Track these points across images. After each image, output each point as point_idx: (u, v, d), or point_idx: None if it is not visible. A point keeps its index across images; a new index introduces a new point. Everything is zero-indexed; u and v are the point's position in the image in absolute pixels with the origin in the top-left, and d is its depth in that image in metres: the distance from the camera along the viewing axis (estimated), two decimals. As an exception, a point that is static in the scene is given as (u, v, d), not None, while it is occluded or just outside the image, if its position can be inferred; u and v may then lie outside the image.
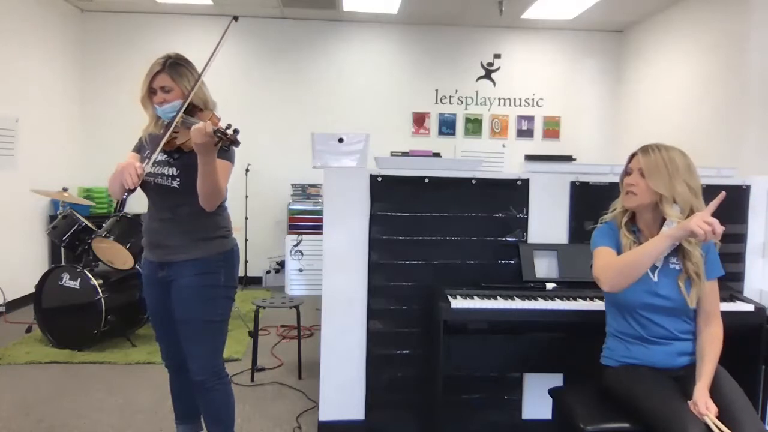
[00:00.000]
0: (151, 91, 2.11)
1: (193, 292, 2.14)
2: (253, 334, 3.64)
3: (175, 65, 2.10)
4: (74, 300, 3.94)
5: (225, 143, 1.85)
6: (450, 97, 6.62)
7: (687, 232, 1.81)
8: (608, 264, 1.94)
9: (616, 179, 2.76)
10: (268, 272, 6.37)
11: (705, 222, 1.76)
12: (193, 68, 2.15)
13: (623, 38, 6.63)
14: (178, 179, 2.09)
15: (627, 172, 2.06)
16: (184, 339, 2.19)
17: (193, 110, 2.11)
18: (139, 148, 2.23)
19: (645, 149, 2.01)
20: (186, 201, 2.08)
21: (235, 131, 1.87)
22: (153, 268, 2.21)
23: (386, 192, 2.69)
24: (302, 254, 5.90)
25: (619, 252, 2.01)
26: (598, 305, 2.37)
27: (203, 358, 2.19)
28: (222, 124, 1.90)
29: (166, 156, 2.11)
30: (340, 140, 3.01)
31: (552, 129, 6.71)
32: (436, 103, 6.61)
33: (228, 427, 2.28)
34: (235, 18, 2.18)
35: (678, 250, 1.98)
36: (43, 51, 5.53)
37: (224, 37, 2.06)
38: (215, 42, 2.05)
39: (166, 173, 2.11)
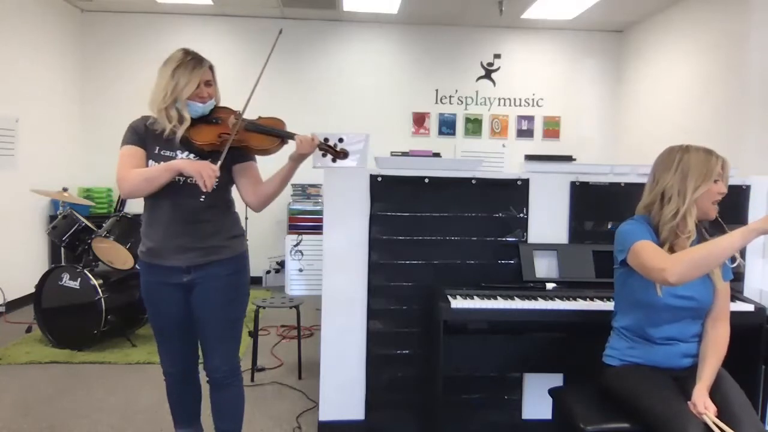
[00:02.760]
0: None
1: (224, 292, 2.13)
2: (253, 334, 3.64)
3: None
4: (74, 300, 3.94)
5: (332, 154, 2.15)
6: (450, 97, 6.62)
7: None
8: (678, 256, 1.81)
9: (617, 179, 2.79)
10: (268, 272, 6.37)
11: None
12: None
13: (623, 38, 6.63)
14: (217, 179, 1.99)
15: (716, 179, 1.94)
16: (206, 338, 2.16)
17: (216, 109, 2.14)
18: (138, 142, 2.08)
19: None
20: (217, 201, 2.08)
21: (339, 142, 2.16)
22: (173, 273, 2.09)
23: (386, 192, 2.69)
24: (302, 254, 5.90)
25: None
26: (598, 305, 2.37)
27: (225, 356, 2.19)
28: (320, 136, 2.13)
29: (192, 155, 2.06)
30: (340, 140, 3.00)
31: (552, 129, 6.71)
32: (436, 103, 6.61)
33: (239, 424, 2.27)
34: (281, 30, 2.28)
35: None
36: (43, 51, 5.53)
37: (273, 48, 2.23)
38: (215, 42, 2.06)
39: None
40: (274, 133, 2.12)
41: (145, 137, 2.09)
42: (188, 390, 2.32)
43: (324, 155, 2.17)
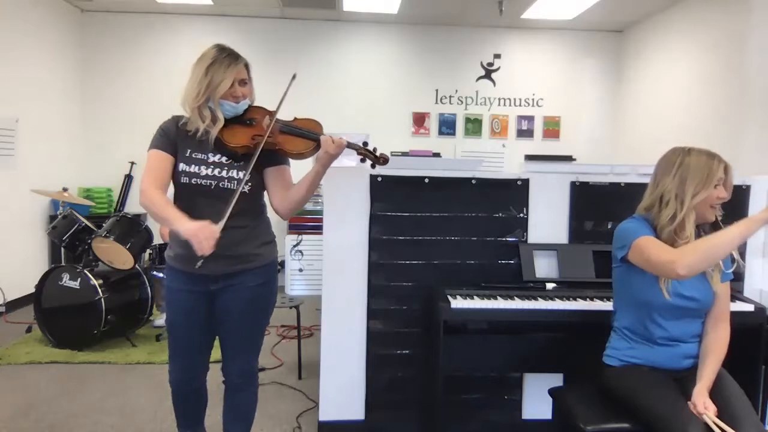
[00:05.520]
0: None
1: (252, 302, 2.07)
2: (253, 334, 3.63)
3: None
4: (74, 300, 3.94)
5: (371, 159, 2.03)
6: (450, 97, 6.62)
7: None
8: (685, 248, 1.80)
9: (617, 179, 2.79)
10: (268, 272, 6.36)
11: None
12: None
13: (623, 38, 6.63)
14: (250, 183, 1.96)
15: (716, 184, 1.92)
16: (228, 344, 2.12)
17: (248, 109, 2.06)
18: (167, 146, 1.98)
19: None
20: (252, 206, 2.00)
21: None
22: (201, 281, 2.01)
23: (386, 192, 2.68)
24: (302, 254, 5.89)
25: None
26: (598, 305, 2.37)
27: (245, 362, 2.16)
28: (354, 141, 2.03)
29: (225, 158, 1.97)
30: (340, 140, 3.01)
31: (552, 129, 6.71)
32: (436, 103, 6.61)
33: (249, 428, 2.26)
34: (294, 76, 2.16)
35: None
36: (43, 51, 5.53)
37: (286, 93, 2.14)
38: (215, 42, 2.04)
39: (232, 176, 1.97)
40: (309, 137, 2.01)
41: (176, 139, 2.00)
42: (195, 396, 2.28)
43: (363, 161, 2.04)
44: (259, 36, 6.23)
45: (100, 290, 3.88)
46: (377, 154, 2.03)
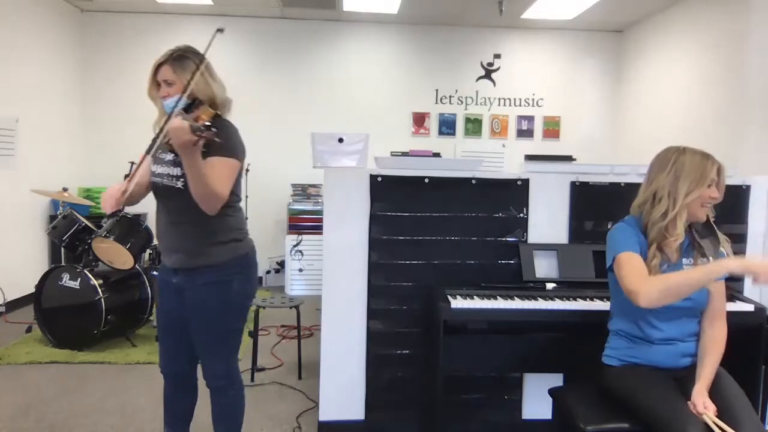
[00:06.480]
0: (157, 85, 2.02)
1: (206, 301, 2.06)
2: (253, 334, 3.63)
3: (181, 57, 1.99)
4: (74, 300, 3.94)
5: (207, 141, 1.75)
6: (450, 97, 6.62)
7: (748, 273, 1.74)
8: (651, 282, 1.83)
9: (617, 179, 2.79)
10: (268, 272, 6.36)
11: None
12: (201, 61, 2.01)
13: (623, 38, 6.63)
14: (182, 179, 1.96)
15: (709, 184, 1.93)
16: (198, 346, 2.14)
17: (198, 106, 1.98)
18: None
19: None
20: (193, 203, 1.95)
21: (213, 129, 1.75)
22: (168, 273, 2.14)
23: (386, 192, 2.68)
24: (302, 254, 5.90)
25: (642, 254, 1.94)
26: (598, 305, 2.37)
27: (218, 366, 2.16)
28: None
29: (173, 155, 1.96)
30: (340, 140, 3.02)
31: (552, 129, 6.71)
32: (436, 103, 6.61)
33: (239, 429, 2.26)
34: (221, 30, 2.01)
35: (693, 249, 1.99)
36: (43, 51, 5.53)
37: (209, 47, 2.00)
38: (215, 42, 2.01)
39: (171, 173, 2.01)
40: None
41: None
42: (182, 394, 2.29)
43: (196, 142, 1.76)
44: (259, 36, 6.23)
45: (100, 290, 3.88)
46: (204, 132, 1.74)
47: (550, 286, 2.60)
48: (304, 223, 5.94)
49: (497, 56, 6.62)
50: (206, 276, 2.05)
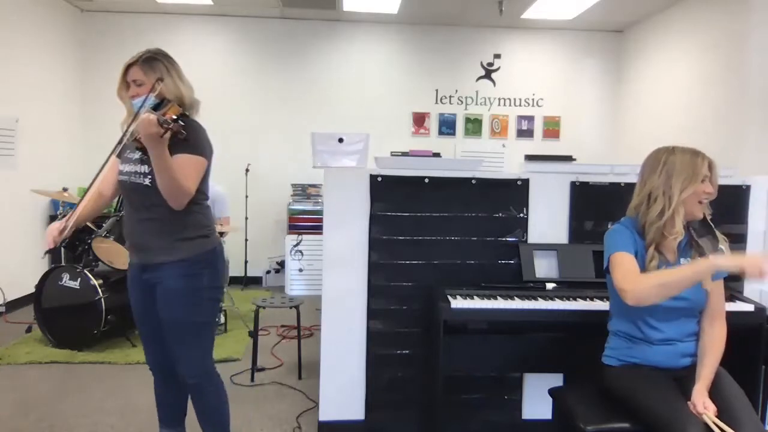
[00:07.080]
0: (127, 85, 2.09)
1: (177, 296, 2.08)
2: (253, 334, 3.63)
3: (150, 59, 2.07)
4: (74, 300, 3.94)
5: (173, 134, 1.79)
6: (450, 97, 6.63)
7: (736, 268, 1.76)
8: (640, 279, 1.85)
9: (617, 179, 2.79)
10: (268, 272, 6.37)
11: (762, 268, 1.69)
12: (171, 63, 2.11)
13: (623, 38, 6.63)
14: (149, 176, 1.99)
15: (702, 179, 1.94)
16: (171, 342, 2.16)
17: (166, 105, 2.01)
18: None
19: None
20: (161, 200, 1.98)
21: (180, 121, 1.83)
22: (136, 270, 2.17)
23: (386, 192, 2.68)
24: (302, 254, 5.90)
25: (637, 257, 1.94)
26: (598, 305, 2.37)
27: (193, 361, 2.17)
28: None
29: (141, 153, 1.98)
30: (340, 140, 3.01)
31: (552, 129, 6.71)
32: (436, 103, 6.61)
33: (223, 427, 2.27)
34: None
35: (691, 249, 1.99)
36: (43, 51, 5.53)
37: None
38: (215, 42, 2.02)
39: (138, 171, 2.04)
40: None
41: None
42: (171, 391, 2.31)
43: (162, 135, 1.79)
44: (259, 36, 6.22)
45: (100, 290, 3.88)
46: (171, 125, 1.80)
47: (550, 286, 2.60)
48: (304, 223, 5.94)
49: (497, 56, 6.62)
50: (176, 270, 2.07)
